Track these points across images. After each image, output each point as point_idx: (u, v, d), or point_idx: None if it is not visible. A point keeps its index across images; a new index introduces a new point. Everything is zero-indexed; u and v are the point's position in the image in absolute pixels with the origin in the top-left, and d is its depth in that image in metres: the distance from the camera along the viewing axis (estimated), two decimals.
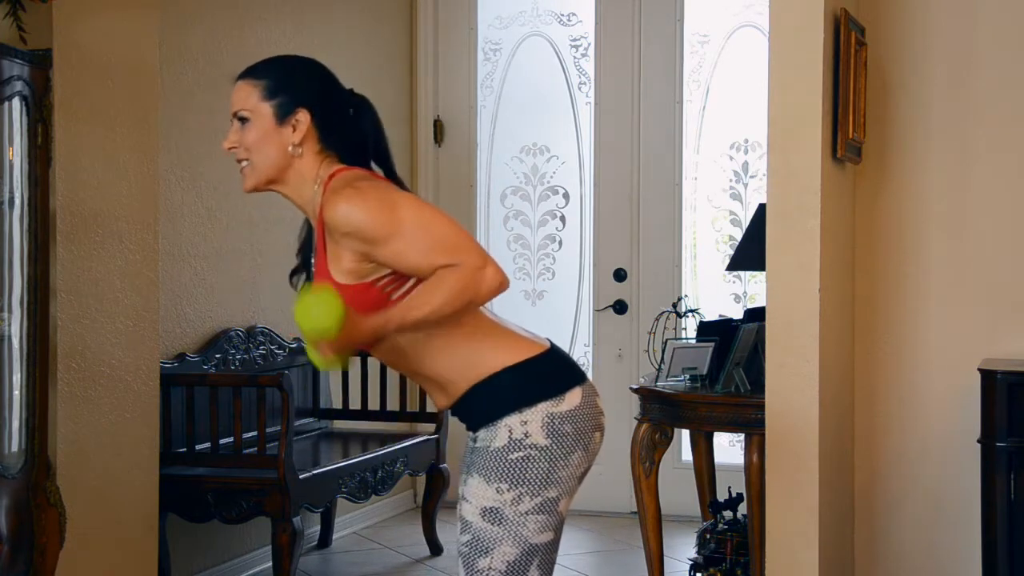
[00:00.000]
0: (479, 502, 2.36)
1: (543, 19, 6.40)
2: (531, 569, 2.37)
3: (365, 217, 2.27)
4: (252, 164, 2.41)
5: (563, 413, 2.38)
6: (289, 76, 2.44)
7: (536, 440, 2.36)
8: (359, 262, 2.32)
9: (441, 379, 2.44)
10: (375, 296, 2.33)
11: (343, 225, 2.29)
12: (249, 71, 2.46)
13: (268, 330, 5.10)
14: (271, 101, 2.40)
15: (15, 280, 3.47)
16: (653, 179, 6.21)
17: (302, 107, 2.41)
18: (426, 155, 6.44)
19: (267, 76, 2.42)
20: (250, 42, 5.08)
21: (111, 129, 3.86)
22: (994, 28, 4.30)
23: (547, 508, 2.37)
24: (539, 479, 2.36)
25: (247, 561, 5.04)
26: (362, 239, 2.28)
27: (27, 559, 3.50)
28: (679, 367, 4.19)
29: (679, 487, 5.77)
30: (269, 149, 2.40)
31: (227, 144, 2.44)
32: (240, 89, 2.44)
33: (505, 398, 2.38)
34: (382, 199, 2.32)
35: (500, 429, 2.37)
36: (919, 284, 4.36)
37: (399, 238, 2.28)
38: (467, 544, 2.37)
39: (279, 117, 2.40)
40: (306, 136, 2.41)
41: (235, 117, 2.43)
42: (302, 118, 2.41)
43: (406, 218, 2.29)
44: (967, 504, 4.19)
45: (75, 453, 3.73)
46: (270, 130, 2.40)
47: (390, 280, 2.35)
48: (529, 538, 2.36)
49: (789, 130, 3.74)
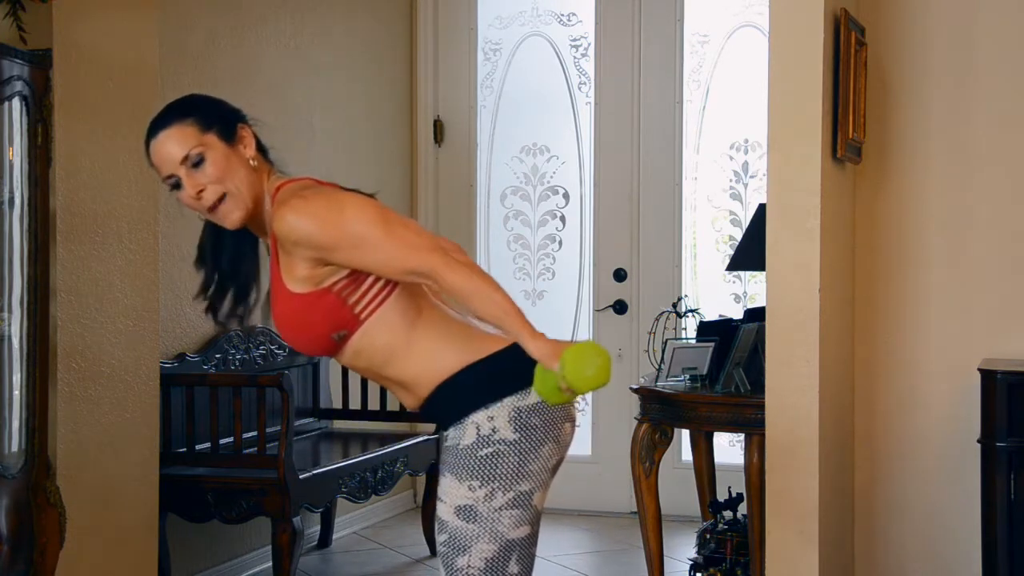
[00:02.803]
0: (453, 501, 2.37)
1: (543, 19, 6.40)
2: (510, 564, 2.37)
3: (311, 224, 2.28)
4: (231, 193, 2.37)
5: (530, 406, 2.38)
6: (207, 106, 2.42)
7: (504, 435, 2.36)
8: (314, 268, 2.33)
9: (406, 380, 2.44)
10: (331, 302, 2.35)
11: (291, 234, 2.29)
12: (164, 120, 2.38)
13: (268, 330, 5.10)
14: (211, 130, 2.37)
15: (15, 280, 3.47)
16: (653, 179, 6.21)
17: (240, 123, 2.42)
18: (426, 155, 6.44)
19: (190, 114, 2.38)
20: (250, 42, 5.09)
21: (111, 129, 3.86)
22: (994, 28, 4.30)
23: (521, 502, 2.37)
24: (510, 474, 2.35)
25: (247, 561, 5.04)
26: (312, 246, 2.30)
27: (27, 559, 3.50)
28: (679, 367, 4.19)
29: (679, 487, 5.77)
30: (238, 170, 2.38)
31: (191, 191, 2.35)
32: (168, 139, 2.35)
33: (471, 395, 2.38)
34: (329, 203, 2.32)
35: (468, 427, 2.38)
36: (919, 284, 4.36)
37: (347, 239, 2.29)
38: (445, 543, 2.38)
39: (228, 139, 2.38)
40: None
41: (183, 164, 2.35)
42: (245, 132, 2.42)
43: (353, 218, 2.30)
44: (967, 504, 4.19)
45: (75, 453, 3.73)
46: (228, 153, 2.37)
47: (346, 284, 2.35)
48: (505, 533, 2.36)
49: (789, 130, 3.74)
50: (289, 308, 2.38)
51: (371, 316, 2.38)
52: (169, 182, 2.38)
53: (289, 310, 2.38)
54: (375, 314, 2.38)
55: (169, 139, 2.36)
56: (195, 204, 2.37)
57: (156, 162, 2.38)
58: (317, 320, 2.35)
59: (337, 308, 2.35)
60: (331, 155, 5.63)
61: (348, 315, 2.36)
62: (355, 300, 2.36)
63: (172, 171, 2.36)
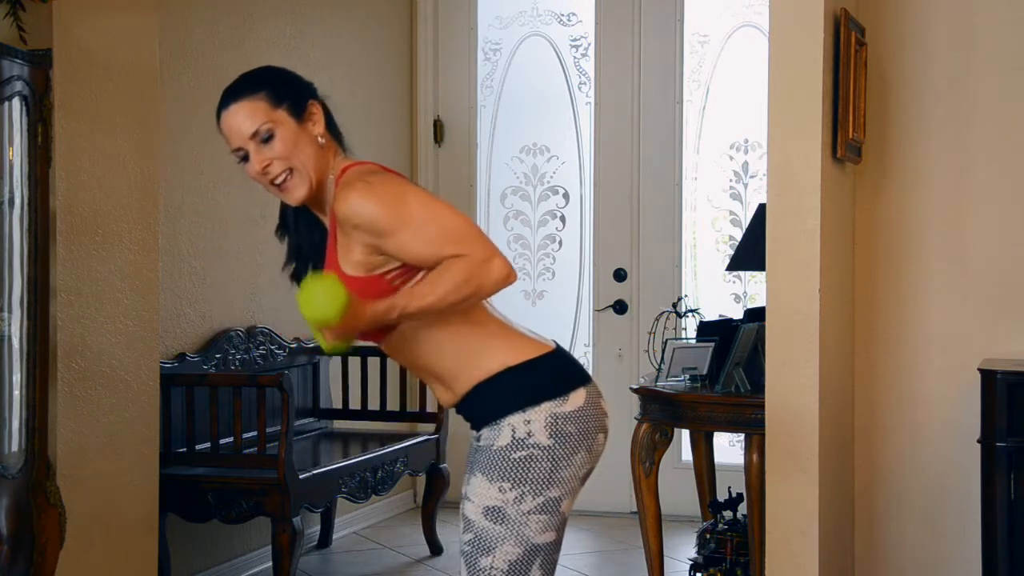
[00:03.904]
0: (481, 501, 2.37)
1: (543, 19, 6.40)
2: (533, 569, 2.38)
3: (375, 210, 2.29)
4: (296, 169, 2.38)
5: (567, 414, 2.39)
6: (280, 80, 2.44)
7: (539, 440, 2.36)
8: (369, 255, 2.33)
9: (445, 375, 2.45)
10: (384, 288, 2.35)
11: (353, 217, 2.30)
12: (237, 92, 2.40)
13: (268, 330, 5.10)
14: (282, 106, 2.39)
15: (15, 280, 3.46)
16: (653, 179, 6.21)
17: (311, 99, 2.43)
18: (426, 155, 6.45)
19: (262, 88, 2.39)
20: (250, 42, 5.09)
21: (111, 129, 3.86)
22: (994, 28, 4.30)
23: (549, 508, 2.37)
24: (541, 479, 2.36)
25: (247, 561, 5.04)
26: (372, 232, 2.30)
27: (27, 559, 3.50)
28: (679, 367, 4.19)
29: (679, 487, 5.77)
30: (306, 148, 2.39)
31: (258, 166, 2.37)
32: (239, 112, 2.38)
33: (509, 397, 2.38)
34: (393, 192, 2.33)
35: (503, 428, 2.38)
36: (919, 284, 4.36)
37: (407, 230, 2.29)
38: (469, 543, 2.38)
39: (297, 116, 2.40)
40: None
41: (252, 139, 2.37)
42: (315, 109, 2.43)
43: (415, 211, 2.30)
44: (967, 504, 4.19)
45: (75, 453, 3.73)
46: (297, 130, 2.39)
47: (399, 273, 2.36)
48: (531, 538, 2.36)
49: (789, 130, 3.74)
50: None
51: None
52: (238, 155, 2.40)
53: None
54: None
55: (240, 112, 2.38)
56: (261, 178, 2.40)
57: (226, 133, 2.40)
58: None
59: (388, 295, 2.34)
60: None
61: None
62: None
63: (241, 144, 2.39)
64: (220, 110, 2.41)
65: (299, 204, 2.43)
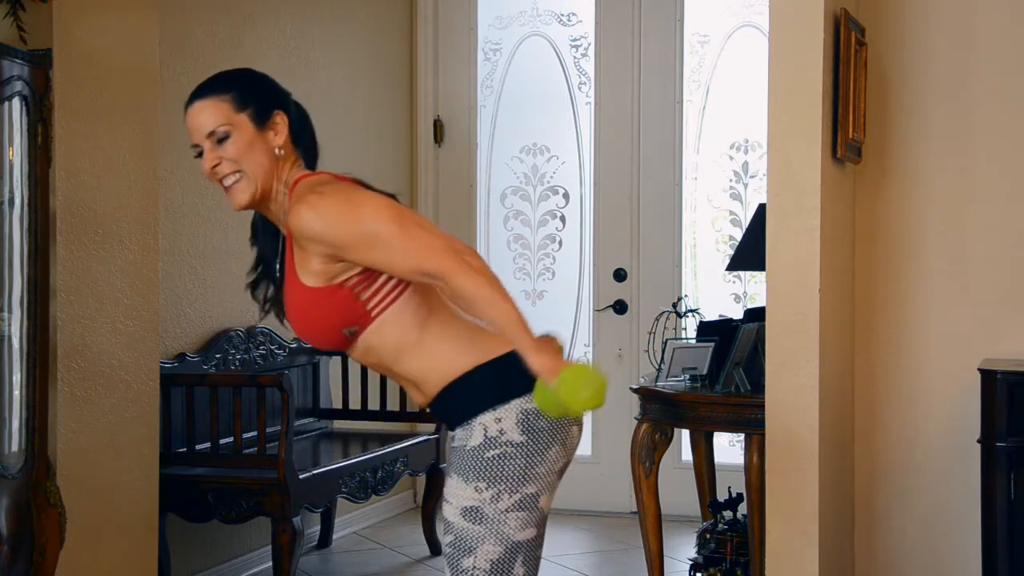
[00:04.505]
0: (459, 502, 2.37)
1: (543, 19, 6.40)
2: (515, 566, 2.37)
3: (327, 221, 2.28)
4: (244, 174, 2.39)
5: (537, 409, 2.38)
6: (252, 85, 2.45)
7: (511, 437, 2.36)
8: (327, 263, 2.33)
9: (415, 379, 2.45)
10: (344, 297, 2.35)
11: (306, 231, 2.30)
12: (207, 90, 2.42)
13: (268, 330, 5.10)
14: (245, 110, 2.40)
15: (15, 280, 3.47)
16: (653, 179, 6.21)
17: (277, 110, 2.44)
18: (426, 155, 6.45)
19: (231, 89, 2.41)
20: (250, 42, 5.09)
21: (111, 129, 3.86)
22: (994, 29, 4.30)
23: (527, 504, 2.37)
24: (516, 476, 2.36)
25: (247, 561, 5.04)
26: (327, 243, 2.30)
27: (27, 559, 3.50)
28: (679, 367, 4.19)
29: (679, 487, 5.77)
30: (258, 155, 2.40)
31: (208, 164, 2.39)
32: (203, 110, 2.40)
33: (478, 396, 2.38)
34: (345, 201, 2.32)
35: (475, 428, 2.38)
36: (919, 284, 4.36)
37: (366, 237, 2.29)
38: (450, 544, 2.38)
39: (258, 123, 2.41)
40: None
41: (208, 138, 2.39)
42: (280, 120, 2.44)
43: (368, 217, 2.30)
44: (967, 504, 4.19)
45: (75, 453, 3.73)
46: (254, 137, 2.40)
47: (359, 280, 2.35)
48: (511, 535, 2.36)
49: (789, 130, 3.74)
50: (301, 301, 2.38)
51: (383, 313, 2.37)
52: (195, 150, 2.43)
53: (301, 303, 2.38)
54: (387, 312, 2.38)
55: (204, 110, 2.40)
56: (211, 176, 2.42)
57: (188, 127, 2.42)
58: (328, 314, 2.36)
59: (349, 304, 2.35)
60: (331, 155, 5.61)
61: (360, 311, 2.36)
62: (367, 297, 2.36)
63: (198, 141, 2.41)
64: (187, 105, 2.43)
65: (241, 209, 2.43)
